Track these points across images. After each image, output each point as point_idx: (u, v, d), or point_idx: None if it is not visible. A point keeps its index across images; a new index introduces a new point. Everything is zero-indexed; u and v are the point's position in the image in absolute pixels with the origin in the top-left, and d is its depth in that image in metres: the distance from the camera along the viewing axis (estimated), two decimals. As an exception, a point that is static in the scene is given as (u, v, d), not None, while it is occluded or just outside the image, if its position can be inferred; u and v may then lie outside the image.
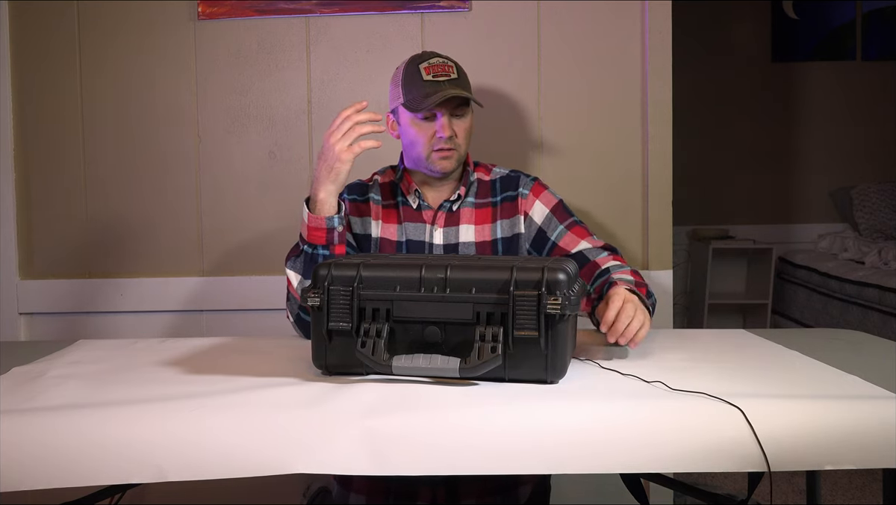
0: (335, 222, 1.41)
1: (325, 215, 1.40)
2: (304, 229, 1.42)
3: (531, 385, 1.07)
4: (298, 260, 1.44)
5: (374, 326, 1.09)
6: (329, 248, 1.42)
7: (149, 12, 2.06)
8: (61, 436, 0.93)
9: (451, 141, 1.52)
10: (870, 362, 1.23)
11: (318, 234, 1.41)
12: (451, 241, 1.57)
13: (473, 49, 2.04)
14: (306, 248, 1.42)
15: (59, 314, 2.10)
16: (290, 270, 1.46)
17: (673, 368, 1.18)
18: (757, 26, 4.08)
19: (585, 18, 2.05)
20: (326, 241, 1.41)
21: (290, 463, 0.92)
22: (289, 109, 2.09)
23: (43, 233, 2.10)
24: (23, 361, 1.29)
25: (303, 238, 1.43)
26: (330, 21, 2.07)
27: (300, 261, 1.44)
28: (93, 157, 2.09)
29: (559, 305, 1.04)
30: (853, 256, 3.63)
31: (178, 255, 2.10)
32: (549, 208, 1.59)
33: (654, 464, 0.94)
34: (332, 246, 1.42)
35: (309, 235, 1.42)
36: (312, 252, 1.41)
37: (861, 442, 0.94)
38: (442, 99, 1.47)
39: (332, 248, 1.42)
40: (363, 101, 1.39)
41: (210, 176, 2.09)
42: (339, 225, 1.42)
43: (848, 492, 2.39)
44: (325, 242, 1.41)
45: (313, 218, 1.41)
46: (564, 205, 1.61)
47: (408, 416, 0.97)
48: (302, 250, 1.43)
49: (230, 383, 1.10)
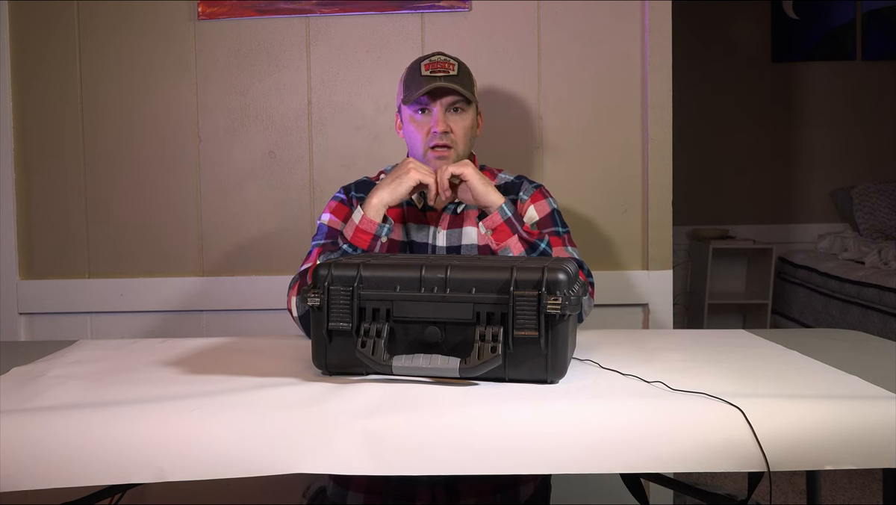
0: (384, 231, 1.43)
1: (376, 221, 1.42)
2: (351, 229, 1.44)
3: (531, 385, 1.07)
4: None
5: (374, 326, 1.09)
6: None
7: (149, 12, 2.06)
8: (61, 436, 0.93)
9: (447, 137, 1.51)
10: (870, 362, 1.22)
11: (364, 237, 1.43)
12: (454, 244, 1.57)
13: (473, 49, 2.04)
14: (346, 248, 1.43)
15: (59, 314, 2.10)
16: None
17: (673, 368, 1.18)
18: (757, 26, 4.08)
19: (585, 18, 2.05)
20: (368, 247, 1.43)
21: (290, 463, 0.92)
22: (289, 109, 2.09)
23: (43, 233, 2.10)
24: (23, 361, 1.29)
25: (344, 237, 1.44)
26: (330, 21, 2.07)
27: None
28: (93, 157, 2.09)
29: (559, 305, 1.04)
30: (853, 256, 3.63)
31: (178, 255, 2.10)
32: (540, 216, 1.59)
33: (654, 464, 0.94)
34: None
35: (354, 236, 1.43)
36: (352, 253, 1.42)
37: (861, 442, 0.93)
38: (430, 89, 1.48)
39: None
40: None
41: (210, 176, 2.09)
42: (385, 237, 1.44)
43: (848, 492, 2.39)
44: (367, 248, 1.43)
45: (367, 221, 1.42)
46: (556, 215, 1.60)
47: (408, 416, 0.96)
48: (341, 249, 1.44)
49: (230, 383, 1.10)
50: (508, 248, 1.44)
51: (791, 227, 4.14)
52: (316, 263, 1.46)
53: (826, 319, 3.54)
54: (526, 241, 1.44)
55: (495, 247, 1.45)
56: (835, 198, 4.09)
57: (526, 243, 1.44)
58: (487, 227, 1.44)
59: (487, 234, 1.45)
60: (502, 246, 1.44)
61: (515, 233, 1.43)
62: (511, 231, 1.43)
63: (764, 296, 3.82)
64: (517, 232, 1.43)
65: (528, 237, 1.44)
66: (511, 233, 1.43)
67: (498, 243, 1.44)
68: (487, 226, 1.44)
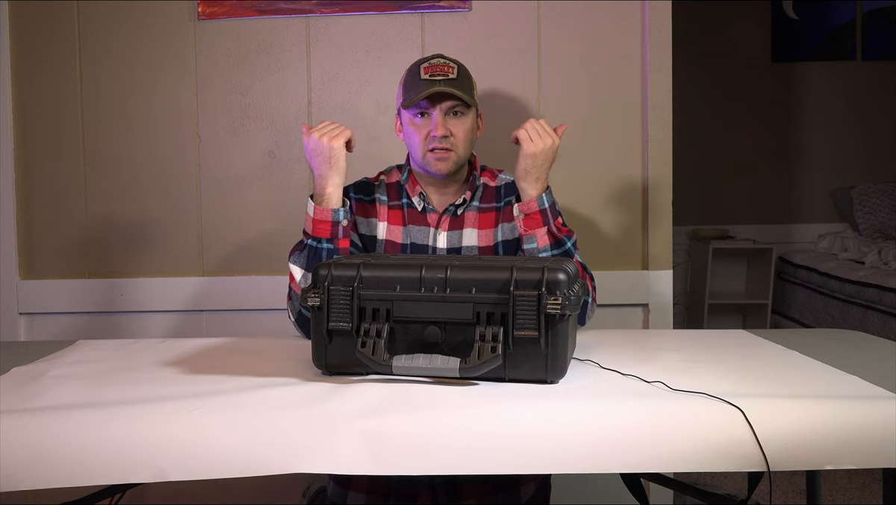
0: (340, 216, 1.43)
1: (331, 207, 1.42)
2: (309, 223, 1.44)
3: (531, 385, 1.07)
4: (302, 254, 1.45)
5: (374, 326, 1.09)
6: (333, 242, 1.43)
7: (149, 12, 2.06)
8: (61, 436, 0.93)
9: (447, 141, 1.51)
10: (870, 362, 1.22)
11: (323, 227, 1.43)
12: (454, 245, 1.57)
13: (473, 49, 2.04)
14: (311, 242, 1.43)
15: (59, 314, 2.10)
16: (293, 265, 1.47)
17: (673, 368, 1.18)
18: (757, 26, 4.08)
19: (585, 18, 2.05)
20: (331, 235, 1.43)
21: (290, 463, 0.92)
22: (289, 109, 2.09)
23: (43, 233, 2.10)
24: (23, 361, 1.29)
25: (307, 233, 1.45)
26: (330, 21, 2.07)
27: (304, 255, 1.45)
28: (93, 157, 2.09)
29: (559, 304, 1.04)
30: (853, 256, 3.63)
31: (178, 255, 2.10)
32: None
33: (654, 464, 0.94)
34: (337, 240, 1.44)
35: (314, 229, 1.43)
36: (317, 246, 1.42)
37: (861, 442, 0.94)
38: (428, 93, 1.48)
39: (336, 242, 1.44)
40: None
41: (210, 176, 2.09)
42: (345, 219, 1.44)
43: (848, 492, 2.39)
44: (329, 236, 1.43)
45: (319, 210, 1.43)
46: None
47: (408, 416, 0.97)
48: (306, 245, 1.44)
49: (230, 383, 1.10)
50: (535, 237, 1.44)
51: (791, 227, 4.14)
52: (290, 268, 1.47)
53: (826, 319, 3.54)
54: (554, 235, 1.45)
55: (522, 232, 1.46)
56: (835, 198, 4.09)
57: (553, 237, 1.45)
58: (522, 211, 1.45)
59: (520, 217, 1.46)
60: (529, 234, 1.45)
61: (546, 225, 1.44)
62: (542, 222, 1.45)
63: (764, 296, 3.82)
64: (548, 224, 1.45)
65: (558, 232, 1.45)
66: (542, 224, 1.45)
67: (526, 230, 1.45)
68: (522, 210, 1.45)
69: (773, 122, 4.10)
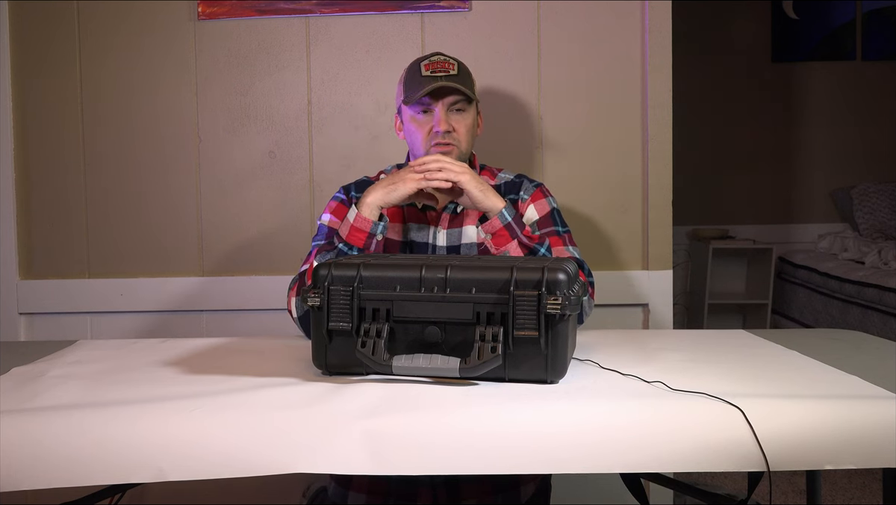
0: (378, 230, 1.43)
1: (371, 219, 1.42)
2: (347, 228, 1.44)
3: (531, 385, 1.07)
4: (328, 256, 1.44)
5: (374, 326, 1.09)
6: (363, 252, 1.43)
7: (149, 12, 2.06)
8: (61, 436, 0.93)
9: (450, 136, 1.52)
10: (870, 362, 1.22)
11: (359, 235, 1.43)
12: (454, 243, 1.57)
13: (473, 49, 2.04)
14: (341, 247, 1.43)
15: (59, 314, 2.10)
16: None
17: (673, 368, 1.18)
18: (757, 26, 4.08)
19: (585, 18, 2.05)
20: (364, 246, 1.43)
21: (290, 463, 0.92)
22: (289, 109, 2.09)
23: (43, 233, 2.10)
24: (23, 361, 1.29)
25: (340, 236, 1.44)
26: (330, 21, 2.07)
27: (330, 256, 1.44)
28: (93, 157, 2.09)
29: (559, 304, 1.04)
30: (853, 256, 3.63)
31: (178, 255, 2.10)
32: (539, 215, 1.59)
33: (654, 464, 0.94)
34: (367, 251, 1.44)
35: (349, 235, 1.43)
36: (347, 252, 1.42)
37: (861, 442, 0.94)
38: (432, 89, 1.48)
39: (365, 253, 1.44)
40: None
41: (210, 176, 2.09)
42: (381, 235, 1.44)
43: (848, 492, 2.39)
44: (362, 246, 1.43)
45: (361, 219, 1.42)
46: (556, 214, 1.60)
47: (408, 416, 0.97)
48: (336, 249, 1.44)
49: (230, 383, 1.10)
50: (507, 252, 1.44)
51: (791, 227, 4.14)
52: (312, 263, 1.46)
53: (826, 319, 3.54)
54: (525, 245, 1.43)
55: (494, 251, 1.45)
56: (835, 198, 4.09)
57: (525, 248, 1.43)
58: (487, 231, 1.44)
59: (487, 238, 1.45)
60: (501, 251, 1.44)
61: (515, 238, 1.43)
62: (511, 236, 1.43)
63: (764, 296, 3.82)
64: (517, 237, 1.43)
65: (528, 242, 1.43)
66: (511, 238, 1.43)
67: (497, 248, 1.44)
68: (487, 230, 1.44)
69: (773, 122, 4.10)
